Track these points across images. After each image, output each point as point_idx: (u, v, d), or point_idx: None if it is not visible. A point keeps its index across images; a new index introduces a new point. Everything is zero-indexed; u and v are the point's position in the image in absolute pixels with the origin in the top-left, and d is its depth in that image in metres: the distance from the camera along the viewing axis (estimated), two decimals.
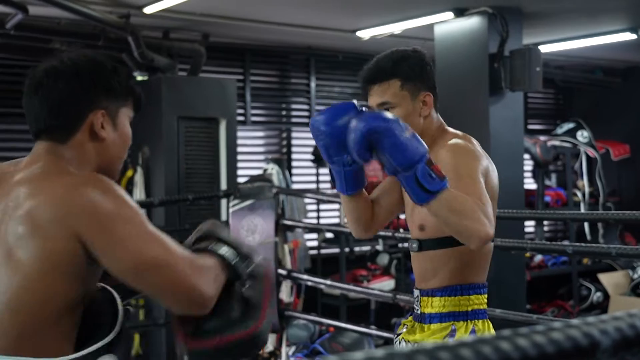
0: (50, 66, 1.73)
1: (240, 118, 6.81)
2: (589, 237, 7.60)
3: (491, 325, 2.26)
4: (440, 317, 2.21)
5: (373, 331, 4.61)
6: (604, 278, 7.10)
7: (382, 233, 5.23)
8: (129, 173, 5.87)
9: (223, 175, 6.01)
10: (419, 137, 1.90)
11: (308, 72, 7.42)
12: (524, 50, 5.50)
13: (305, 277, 4.97)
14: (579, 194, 7.62)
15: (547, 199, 7.37)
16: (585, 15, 5.88)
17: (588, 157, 7.70)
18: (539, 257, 7.27)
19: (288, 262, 5.24)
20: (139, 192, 5.77)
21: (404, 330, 2.33)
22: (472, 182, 2.01)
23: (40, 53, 5.66)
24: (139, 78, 6.15)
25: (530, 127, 8.71)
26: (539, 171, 7.33)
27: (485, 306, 2.25)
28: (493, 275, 5.62)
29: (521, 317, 3.65)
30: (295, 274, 4.97)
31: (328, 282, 5.01)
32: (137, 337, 5.78)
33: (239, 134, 6.36)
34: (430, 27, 5.87)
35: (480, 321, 2.21)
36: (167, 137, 5.71)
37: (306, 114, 7.44)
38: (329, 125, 2.02)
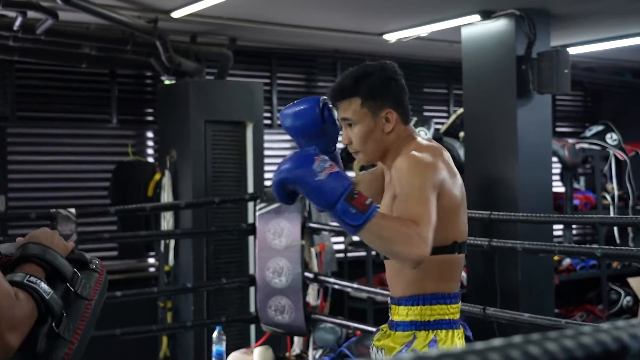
0: None
1: (267, 121, 6.84)
2: (618, 240, 7.51)
3: (460, 335, 2.31)
4: (404, 326, 2.30)
5: None
6: (634, 282, 7.02)
7: None
8: (157, 176, 5.91)
9: (250, 179, 6.03)
10: (338, 173, 2.04)
11: (335, 76, 7.41)
12: (551, 53, 5.46)
13: (332, 280, 4.97)
14: (608, 197, 7.55)
15: (576, 202, 7.30)
16: (614, 17, 5.83)
17: (617, 160, 7.62)
18: (567, 261, 7.21)
19: (315, 265, 5.24)
20: (167, 195, 5.81)
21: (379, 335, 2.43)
22: (415, 201, 2.09)
23: (70, 58, 5.74)
24: (167, 82, 6.20)
25: (559, 129, 8.64)
26: (567, 174, 7.27)
27: (453, 316, 2.29)
28: (521, 280, 5.59)
29: (549, 322, 3.62)
30: (321, 277, 4.97)
31: (355, 285, 5.01)
32: (165, 340, 5.82)
33: (266, 137, 6.38)
34: (457, 29, 5.85)
35: (443, 331, 2.26)
36: (195, 140, 5.74)
37: None
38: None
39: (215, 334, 4.54)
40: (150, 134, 6.53)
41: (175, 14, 5.46)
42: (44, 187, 6.02)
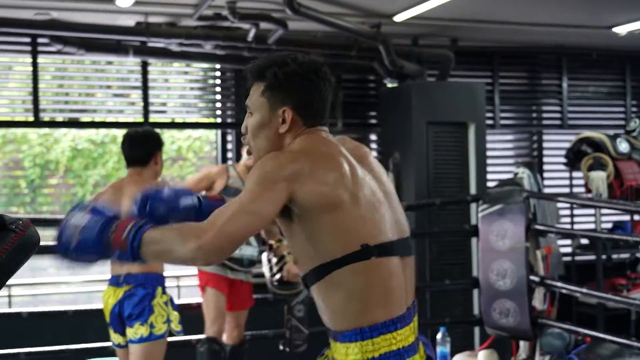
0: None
1: (490, 122, 6.74)
2: None
3: None
4: None
5: (634, 343, 4.37)
6: None
7: None
8: None
9: (472, 180, 5.99)
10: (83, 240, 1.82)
11: (560, 72, 7.17)
12: None
13: (559, 284, 4.81)
14: None
15: None
16: None
17: None
18: None
19: (540, 268, 5.11)
20: None
21: None
22: (240, 196, 1.83)
23: None
24: (389, 85, 6.31)
25: None
26: None
27: (402, 344, 1.88)
28: None
29: None
30: (548, 281, 4.83)
31: (584, 290, 4.82)
32: None
33: (488, 137, 6.30)
34: None
35: None
36: (417, 142, 5.80)
37: (558, 115, 7.20)
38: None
39: (439, 335, 4.55)
40: (373, 137, 6.67)
41: (398, 18, 5.55)
42: None
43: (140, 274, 3.74)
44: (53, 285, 6.46)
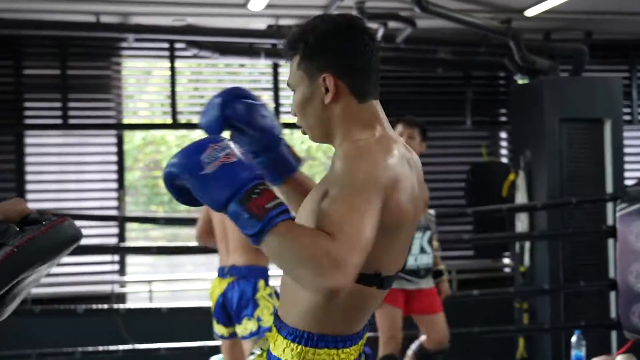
0: None
1: (627, 117, 6.48)
2: None
3: None
4: None
5: None
6: None
7: None
8: (511, 177, 5.92)
9: (608, 178, 5.77)
10: (235, 164, 1.50)
11: None
12: None
13: None
14: None
15: None
16: None
17: None
18: None
19: None
20: (521, 196, 5.78)
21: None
22: (344, 205, 1.49)
23: (427, 63, 5.99)
24: (520, 82, 6.18)
25: None
26: None
27: None
28: None
29: None
30: None
31: None
32: (521, 341, 5.80)
33: (626, 134, 6.06)
34: None
35: None
36: (549, 140, 5.65)
37: None
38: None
39: (574, 339, 4.42)
40: (503, 135, 6.55)
41: (529, 12, 5.43)
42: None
43: (244, 267, 3.69)
44: (190, 281, 6.70)
